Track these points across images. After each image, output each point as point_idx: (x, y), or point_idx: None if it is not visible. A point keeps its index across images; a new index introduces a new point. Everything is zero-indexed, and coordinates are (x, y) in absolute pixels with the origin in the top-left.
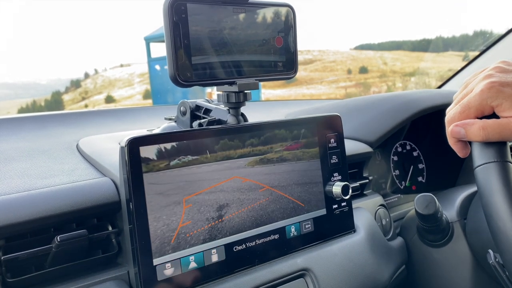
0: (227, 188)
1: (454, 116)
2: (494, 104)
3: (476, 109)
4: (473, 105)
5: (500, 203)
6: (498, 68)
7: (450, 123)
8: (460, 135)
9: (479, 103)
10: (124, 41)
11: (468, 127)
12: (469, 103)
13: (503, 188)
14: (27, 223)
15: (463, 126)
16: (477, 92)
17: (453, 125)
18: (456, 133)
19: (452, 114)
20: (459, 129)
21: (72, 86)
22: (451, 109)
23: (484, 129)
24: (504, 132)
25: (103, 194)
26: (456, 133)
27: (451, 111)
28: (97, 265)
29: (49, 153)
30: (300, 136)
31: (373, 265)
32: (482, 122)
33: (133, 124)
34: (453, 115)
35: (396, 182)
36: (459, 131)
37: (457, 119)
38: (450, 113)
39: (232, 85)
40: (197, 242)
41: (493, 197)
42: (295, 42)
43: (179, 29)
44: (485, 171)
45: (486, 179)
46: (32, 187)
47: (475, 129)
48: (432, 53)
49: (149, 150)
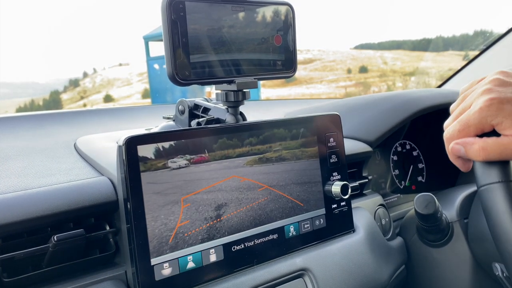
0: (226, 187)
1: (453, 133)
2: (494, 123)
3: (475, 128)
4: (472, 123)
5: (508, 225)
6: (496, 81)
7: (449, 140)
8: (460, 153)
9: (478, 121)
10: (123, 40)
11: (468, 147)
12: (468, 121)
13: (511, 210)
14: (24, 223)
15: (463, 144)
16: (476, 110)
17: (453, 143)
18: (457, 151)
19: (451, 131)
20: (459, 147)
21: (70, 85)
22: (450, 125)
23: (484, 149)
24: (505, 152)
25: (100, 193)
26: (456, 151)
27: (450, 128)
28: (95, 265)
29: (46, 152)
30: (299, 135)
31: (373, 265)
32: (482, 143)
33: (131, 123)
34: (452, 132)
35: (396, 181)
36: (459, 149)
37: (456, 137)
38: (449, 129)
39: (231, 84)
40: (195, 241)
41: (500, 219)
42: (294, 41)
43: (177, 27)
44: (490, 192)
45: (492, 201)
46: (29, 186)
47: (475, 149)
48: (432, 52)
49: (147, 149)
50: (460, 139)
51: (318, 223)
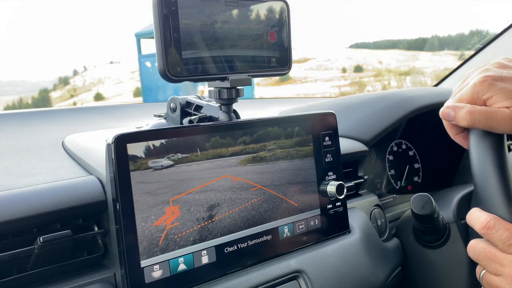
0: (218, 187)
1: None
2: (485, 97)
3: (467, 101)
4: (464, 97)
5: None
6: (497, 63)
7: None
8: (449, 117)
9: (470, 96)
10: (114, 37)
11: (457, 110)
12: (461, 96)
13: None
14: (9, 223)
15: (453, 108)
16: (470, 85)
17: (445, 106)
18: (446, 114)
19: (445, 106)
20: (449, 111)
21: (60, 84)
22: (447, 102)
23: (471, 113)
24: (491, 119)
25: (88, 193)
26: (446, 115)
27: (445, 103)
28: (82, 267)
29: (33, 150)
30: (294, 134)
31: (368, 267)
32: (471, 107)
33: (122, 121)
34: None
35: (392, 182)
36: (449, 113)
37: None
38: (445, 105)
39: (224, 81)
40: (187, 243)
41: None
42: (289, 38)
43: (169, 22)
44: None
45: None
46: (14, 185)
47: (463, 112)
48: (427, 52)
49: (136, 148)
50: (451, 103)
51: (313, 224)
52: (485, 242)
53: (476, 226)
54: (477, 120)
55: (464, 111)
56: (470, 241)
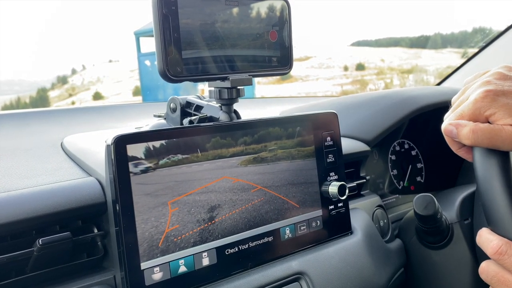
0: (219, 188)
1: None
2: (487, 114)
3: (469, 118)
4: (466, 114)
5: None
6: (498, 74)
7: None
8: (452, 134)
9: (472, 112)
10: (113, 36)
11: (460, 128)
12: (462, 112)
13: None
14: (7, 226)
15: (456, 126)
16: (471, 101)
17: (447, 123)
18: (449, 132)
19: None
20: (452, 128)
21: (58, 83)
22: (447, 117)
23: (474, 132)
24: (495, 138)
25: (88, 194)
26: (449, 132)
27: (446, 120)
28: (82, 269)
29: (32, 151)
30: (295, 134)
31: (371, 268)
32: (474, 126)
33: (121, 121)
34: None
35: (394, 182)
36: (452, 130)
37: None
38: (446, 121)
39: (225, 81)
40: (187, 245)
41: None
42: (290, 37)
43: (169, 22)
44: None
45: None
46: (13, 187)
47: (466, 131)
48: (430, 49)
49: (136, 149)
50: (454, 120)
51: (315, 225)
52: (497, 266)
53: (488, 251)
54: (481, 139)
55: (467, 130)
56: (482, 263)
